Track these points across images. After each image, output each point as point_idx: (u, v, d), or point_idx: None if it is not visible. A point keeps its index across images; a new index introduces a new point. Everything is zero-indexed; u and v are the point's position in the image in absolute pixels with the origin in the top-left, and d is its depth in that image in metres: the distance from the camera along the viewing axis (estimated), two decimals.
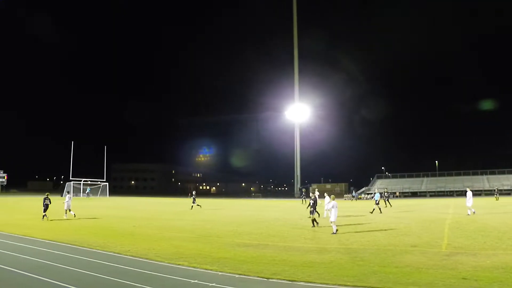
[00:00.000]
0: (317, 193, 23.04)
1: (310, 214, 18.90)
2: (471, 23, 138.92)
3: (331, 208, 16.31)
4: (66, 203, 22.68)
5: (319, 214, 21.21)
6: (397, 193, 75.85)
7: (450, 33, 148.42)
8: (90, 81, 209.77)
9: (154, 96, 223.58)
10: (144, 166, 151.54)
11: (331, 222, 16.28)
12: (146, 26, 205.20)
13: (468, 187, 27.55)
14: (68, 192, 25.14)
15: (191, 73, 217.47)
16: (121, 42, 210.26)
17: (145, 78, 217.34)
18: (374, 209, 27.69)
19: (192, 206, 32.94)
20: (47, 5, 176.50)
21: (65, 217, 22.35)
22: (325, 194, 22.69)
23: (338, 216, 16.52)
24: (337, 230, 16.13)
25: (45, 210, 21.49)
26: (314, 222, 18.32)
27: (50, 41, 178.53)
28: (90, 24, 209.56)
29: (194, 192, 36.66)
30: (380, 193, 33.89)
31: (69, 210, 22.72)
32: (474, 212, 23.69)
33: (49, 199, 21.94)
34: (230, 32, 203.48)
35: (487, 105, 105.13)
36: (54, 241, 13.88)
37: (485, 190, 71.93)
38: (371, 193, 72.59)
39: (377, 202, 28.68)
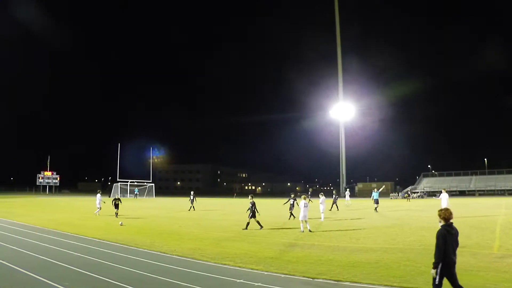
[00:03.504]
0: (292, 196, 22.93)
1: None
2: None
3: (302, 207, 16.70)
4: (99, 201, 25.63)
5: (294, 217, 21.67)
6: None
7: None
8: (137, 86, 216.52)
9: (198, 96, 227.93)
10: (190, 166, 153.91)
11: (301, 221, 16.66)
12: (194, 27, 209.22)
13: (444, 188, 25.52)
14: (99, 192, 26.74)
15: (235, 74, 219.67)
16: (167, 45, 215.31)
17: (189, 80, 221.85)
18: (376, 208, 28.40)
19: (190, 207, 31.55)
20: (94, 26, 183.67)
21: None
22: (320, 194, 22.92)
23: (384, 217, 16.37)
24: (307, 231, 16.39)
25: (116, 208, 24.20)
26: (259, 224, 17.85)
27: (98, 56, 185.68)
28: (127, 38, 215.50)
29: (192, 192, 33.72)
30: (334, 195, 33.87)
31: (99, 209, 25.50)
32: None
33: (120, 200, 25.15)
34: (273, 32, 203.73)
35: None
36: (103, 240, 14.46)
37: None
38: (417, 192, 70.85)
39: (376, 201, 28.91)
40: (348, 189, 50.86)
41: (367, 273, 8.79)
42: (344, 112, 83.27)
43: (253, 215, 17.77)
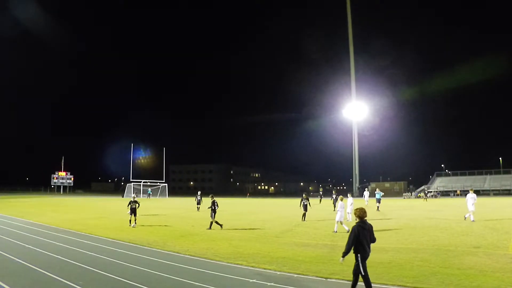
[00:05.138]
0: (304, 196, 22.55)
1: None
2: None
3: (338, 209, 16.90)
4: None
5: (305, 218, 21.69)
6: (458, 191, 72.68)
7: None
8: (150, 86, 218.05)
9: (213, 97, 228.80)
10: (203, 166, 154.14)
11: (336, 222, 16.75)
12: (211, 27, 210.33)
13: (471, 188, 21.80)
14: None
15: (248, 74, 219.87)
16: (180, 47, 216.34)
17: (202, 79, 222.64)
18: (378, 207, 29.24)
19: (198, 207, 30.71)
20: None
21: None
22: (348, 194, 22.76)
23: (397, 217, 16.30)
24: (344, 230, 16.51)
25: (132, 214, 19.23)
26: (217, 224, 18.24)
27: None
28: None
29: (199, 192, 32.23)
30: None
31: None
32: (468, 219, 19.92)
33: (138, 202, 19.72)
34: (286, 31, 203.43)
35: None
36: (117, 239, 14.57)
37: None
38: (431, 191, 70.20)
39: (378, 200, 29.78)
40: (366, 189, 50.52)
41: (380, 273, 8.75)
42: (357, 111, 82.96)
43: (213, 214, 18.33)
